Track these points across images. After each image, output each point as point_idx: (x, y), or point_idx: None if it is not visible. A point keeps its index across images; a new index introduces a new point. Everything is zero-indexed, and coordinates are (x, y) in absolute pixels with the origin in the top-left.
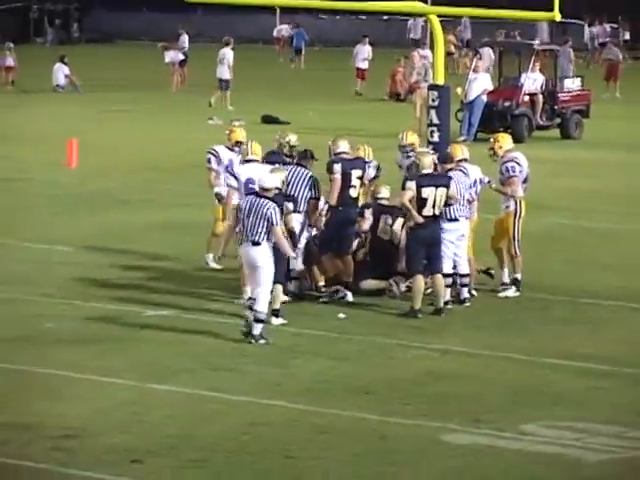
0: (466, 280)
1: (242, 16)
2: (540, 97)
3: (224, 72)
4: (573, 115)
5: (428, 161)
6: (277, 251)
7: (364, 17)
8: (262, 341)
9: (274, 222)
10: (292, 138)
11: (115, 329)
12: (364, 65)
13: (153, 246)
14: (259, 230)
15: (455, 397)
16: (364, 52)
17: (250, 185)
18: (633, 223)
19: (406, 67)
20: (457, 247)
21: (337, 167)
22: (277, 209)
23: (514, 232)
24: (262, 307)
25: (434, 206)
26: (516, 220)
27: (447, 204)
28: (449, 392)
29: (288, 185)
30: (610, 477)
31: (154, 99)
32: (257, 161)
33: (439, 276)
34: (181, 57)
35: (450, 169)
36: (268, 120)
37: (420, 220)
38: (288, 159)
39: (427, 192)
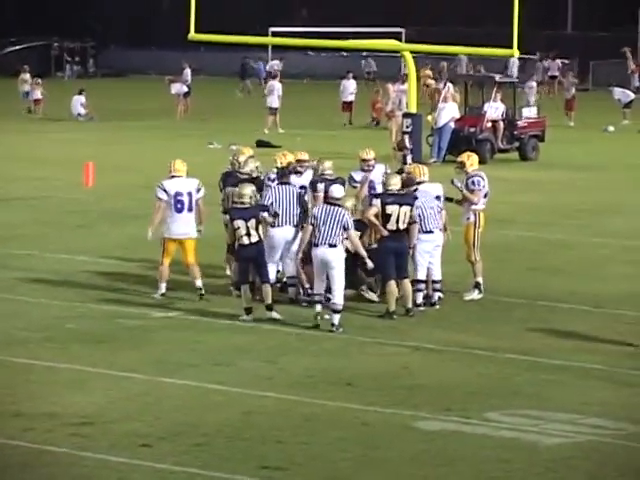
0: (438, 285)
1: (239, 53)
2: (501, 124)
3: (274, 101)
4: (530, 139)
5: (395, 181)
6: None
7: (346, 54)
8: (340, 329)
9: (349, 226)
10: (290, 157)
11: (128, 329)
12: (351, 98)
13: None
14: (335, 234)
15: (426, 388)
16: (350, 87)
17: (178, 197)
18: (583, 234)
19: (382, 97)
20: (432, 256)
21: (320, 186)
22: (350, 215)
23: (474, 240)
24: (339, 300)
25: (398, 221)
26: (475, 230)
27: (410, 222)
28: (421, 384)
29: (276, 202)
30: (564, 458)
31: (161, 126)
32: (181, 177)
33: (406, 281)
34: (185, 89)
35: (415, 190)
36: (261, 144)
37: (385, 233)
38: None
39: (391, 209)
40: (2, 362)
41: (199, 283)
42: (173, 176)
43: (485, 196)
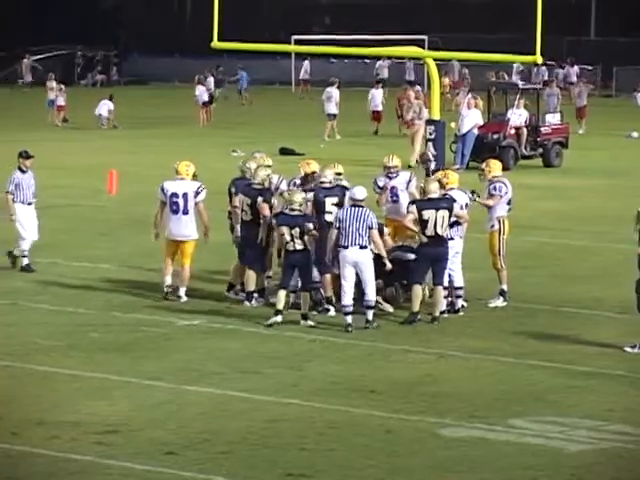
0: (460, 292)
1: (262, 60)
2: (525, 130)
3: (331, 108)
4: (554, 146)
5: (433, 187)
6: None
7: (368, 61)
8: (375, 324)
9: (372, 226)
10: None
11: (152, 337)
12: (379, 108)
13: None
14: (364, 234)
15: (450, 396)
16: (379, 96)
17: (173, 199)
18: (606, 241)
19: (404, 103)
20: (452, 263)
21: (310, 195)
22: (374, 215)
23: (499, 248)
24: (372, 296)
25: (435, 226)
26: (500, 237)
27: (457, 223)
28: (445, 391)
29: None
30: (589, 465)
31: (184, 134)
32: (183, 179)
33: (439, 288)
34: (205, 98)
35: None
36: (285, 152)
37: (424, 239)
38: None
39: (427, 214)
40: (26, 370)
41: (181, 290)
42: (177, 178)
43: (509, 203)
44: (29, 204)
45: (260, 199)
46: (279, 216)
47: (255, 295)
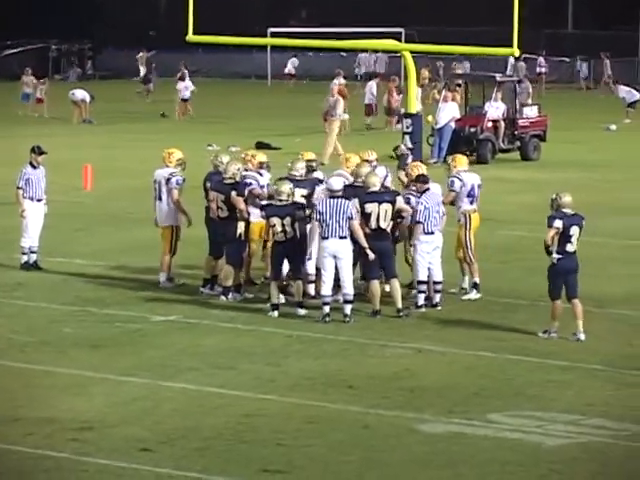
0: (439, 287)
1: (238, 54)
2: (502, 123)
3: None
4: (532, 139)
5: (374, 180)
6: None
7: (344, 54)
8: (352, 320)
9: (352, 216)
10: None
11: (127, 333)
12: (371, 101)
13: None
14: (343, 226)
15: (428, 390)
16: (369, 90)
17: (155, 185)
18: (584, 235)
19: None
20: (432, 257)
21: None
22: (353, 206)
23: (466, 242)
24: (350, 290)
25: (378, 220)
26: (467, 232)
27: (400, 217)
28: (423, 386)
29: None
30: (568, 460)
31: (160, 129)
32: (167, 165)
33: (394, 281)
34: (187, 95)
35: (425, 190)
36: (261, 146)
37: (367, 231)
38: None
39: (370, 208)
40: (0, 367)
41: (160, 275)
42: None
43: (469, 196)
44: (38, 200)
45: (234, 193)
46: (267, 208)
47: (232, 290)
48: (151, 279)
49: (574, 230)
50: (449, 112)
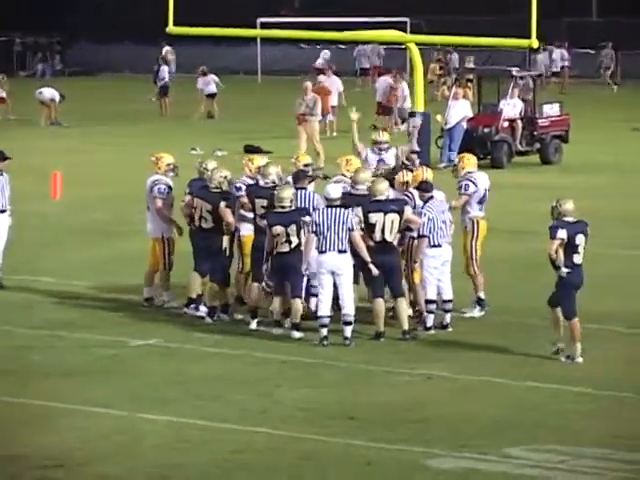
0: (449, 305)
1: (224, 48)
2: (519, 123)
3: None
4: (552, 140)
5: (382, 187)
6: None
7: (344, 47)
8: (352, 344)
9: (353, 227)
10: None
11: (101, 360)
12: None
13: (137, 277)
14: (343, 238)
15: (439, 422)
16: (380, 87)
17: (147, 194)
18: (613, 247)
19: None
20: (441, 273)
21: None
22: (353, 215)
23: (471, 252)
24: (350, 310)
25: (383, 232)
26: (473, 241)
27: (409, 229)
28: (433, 417)
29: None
30: None
31: (137, 132)
32: (155, 173)
33: (401, 299)
34: (213, 89)
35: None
36: (250, 150)
37: (371, 244)
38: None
39: (375, 218)
40: None
41: (145, 292)
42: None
43: (480, 202)
44: (2, 211)
45: (223, 204)
46: (270, 216)
47: (218, 310)
48: (128, 299)
49: (580, 239)
50: (460, 111)
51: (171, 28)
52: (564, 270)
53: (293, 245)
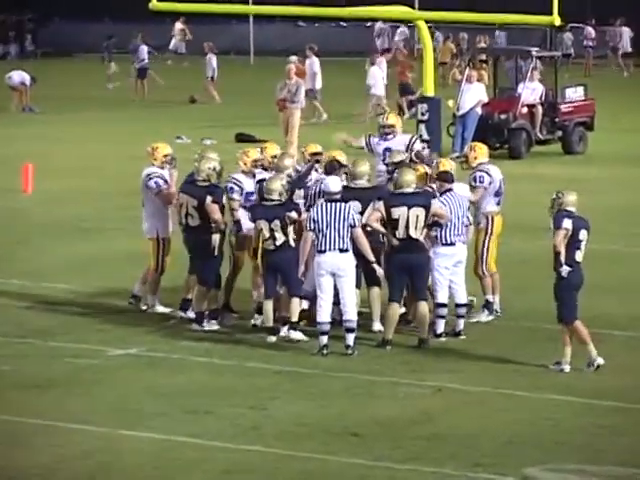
0: (462, 310)
1: (214, 25)
2: (540, 109)
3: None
4: (576, 128)
5: (408, 178)
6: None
7: (345, 24)
8: (355, 352)
9: (355, 224)
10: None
11: (79, 370)
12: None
13: (118, 280)
14: (344, 236)
15: (450, 439)
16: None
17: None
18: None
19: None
20: (453, 274)
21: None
22: (355, 211)
23: (482, 250)
24: (353, 316)
25: (408, 227)
26: (486, 238)
27: (437, 224)
28: (444, 433)
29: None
30: None
31: (117, 118)
32: (152, 165)
33: (423, 303)
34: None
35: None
36: (243, 139)
37: (394, 242)
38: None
39: (398, 212)
40: None
41: (148, 298)
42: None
43: (497, 195)
44: None
45: (209, 199)
46: (255, 209)
47: (207, 316)
48: (108, 303)
49: (583, 234)
50: (474, 95)
51: (154, 4)
52: (565, 269)
53: (278, 242)
